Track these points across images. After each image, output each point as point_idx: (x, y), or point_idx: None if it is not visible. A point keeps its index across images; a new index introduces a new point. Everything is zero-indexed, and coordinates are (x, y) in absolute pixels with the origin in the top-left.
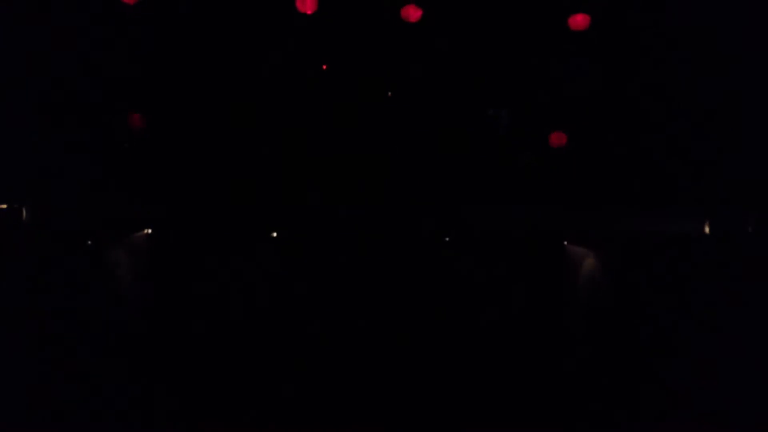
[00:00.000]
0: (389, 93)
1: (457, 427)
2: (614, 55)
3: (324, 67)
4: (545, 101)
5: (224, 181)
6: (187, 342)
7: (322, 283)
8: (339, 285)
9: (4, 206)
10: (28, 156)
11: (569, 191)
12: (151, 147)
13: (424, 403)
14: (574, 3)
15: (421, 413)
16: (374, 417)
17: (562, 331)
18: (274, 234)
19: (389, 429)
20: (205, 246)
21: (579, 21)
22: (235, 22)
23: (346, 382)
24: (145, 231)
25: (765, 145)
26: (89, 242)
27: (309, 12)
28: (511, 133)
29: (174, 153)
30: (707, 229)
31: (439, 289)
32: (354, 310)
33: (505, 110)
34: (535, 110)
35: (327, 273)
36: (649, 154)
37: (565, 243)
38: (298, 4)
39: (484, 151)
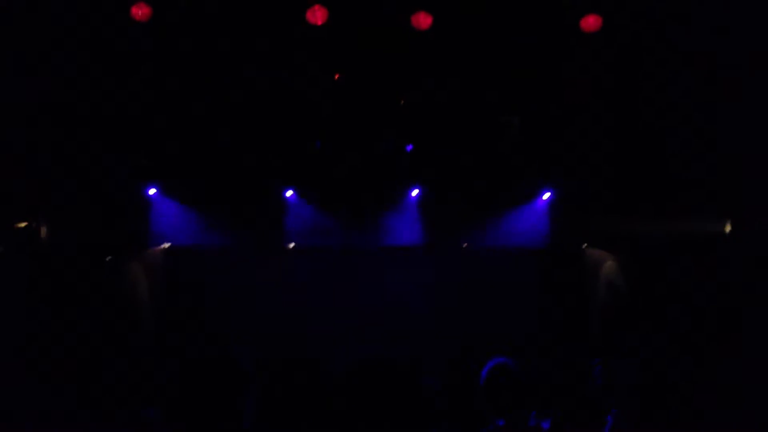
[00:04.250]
0: (401, 101)
1: None
2: (626, 58)
3: (336, 76)
4: (557, 108)
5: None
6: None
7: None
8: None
9: (24, 224)
10: (46, 174)
11: (588, 195)
12: (168, 160)
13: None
14: (586, 5)
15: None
16: None
17: (583, 333)
18: (292, 244)
19: None
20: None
21: (591, 23)
22: (245, 35)
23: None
24: (163, 245)
25: None
26: (108, 258)
27: (319, 23)
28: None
29: (188, 167)
30: (728, 229)
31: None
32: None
33: (516, 117)
34: (546, 117)
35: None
36: (668, 155)
37: (585, 246)
38: (309, 16)
39: (497, 156)
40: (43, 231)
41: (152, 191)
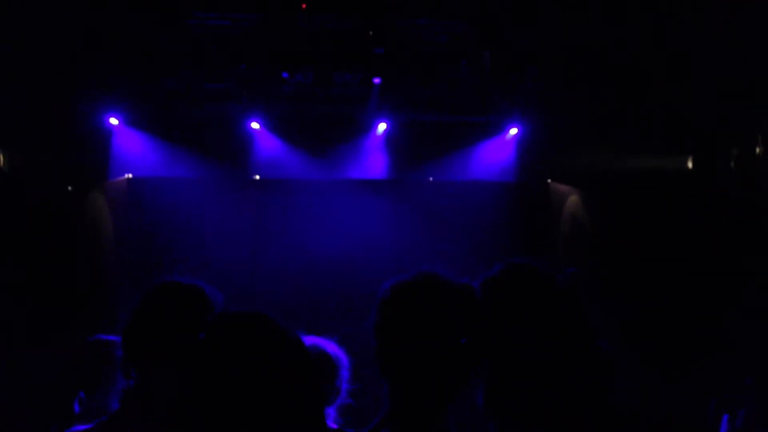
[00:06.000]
0: (369, 33)
1: None
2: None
3: (303, 6)
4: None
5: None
6: None
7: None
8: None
9: None
10: (4, 102)
11: (554, 131)
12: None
13: None
14: None
15: None
16: None
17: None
18: (257, 177)
19: None
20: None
21: None
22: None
23: None
24: (125, 176)
25: None
26: (69, 188)
27: None
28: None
29: None
30: (690, 165)
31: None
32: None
33: (487, 51)
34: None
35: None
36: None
37: (549, 181)
38: None
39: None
40: (1, 160)
41: (114, 121)
